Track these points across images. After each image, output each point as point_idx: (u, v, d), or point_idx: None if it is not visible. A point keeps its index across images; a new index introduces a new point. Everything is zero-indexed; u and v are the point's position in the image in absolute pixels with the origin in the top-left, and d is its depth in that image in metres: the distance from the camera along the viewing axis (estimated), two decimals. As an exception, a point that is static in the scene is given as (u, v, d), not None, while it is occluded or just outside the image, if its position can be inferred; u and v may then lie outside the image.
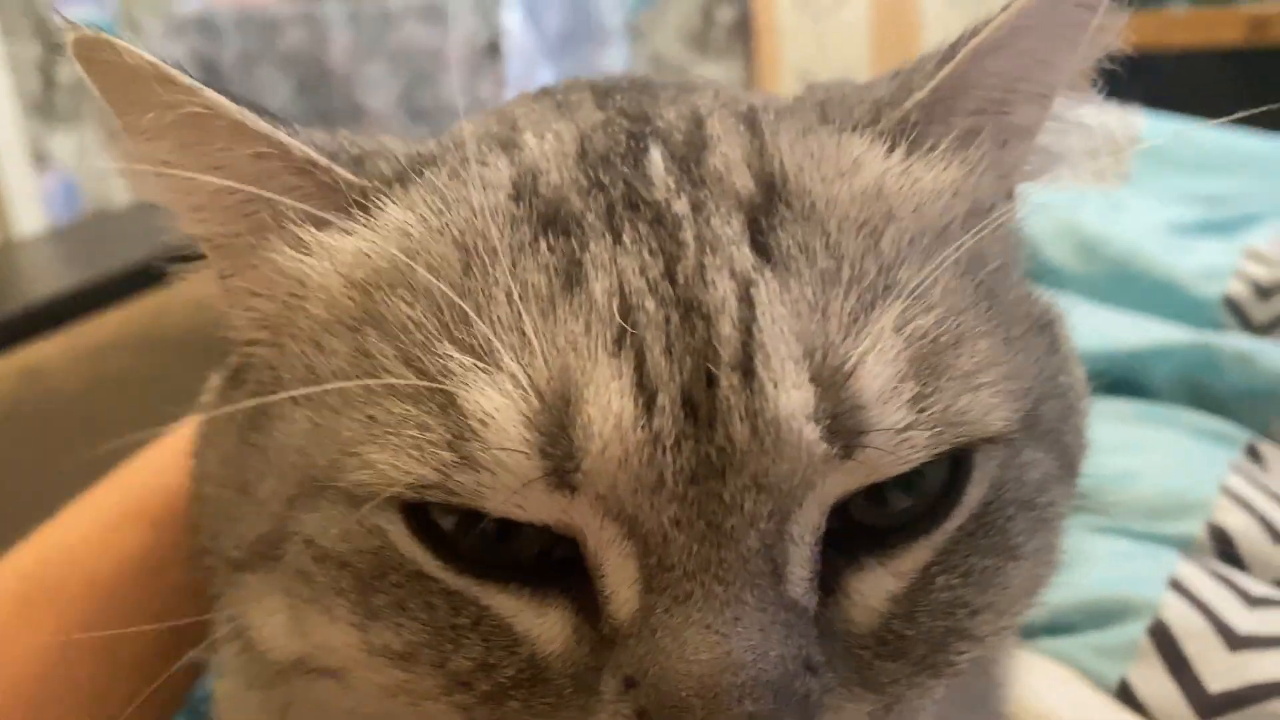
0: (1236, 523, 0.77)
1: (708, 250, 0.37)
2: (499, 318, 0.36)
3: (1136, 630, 0.71)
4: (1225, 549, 0.77)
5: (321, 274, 0.41)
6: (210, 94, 0.39)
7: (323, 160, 0.41)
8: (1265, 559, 0.75)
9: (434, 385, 0.36)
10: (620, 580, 0.37)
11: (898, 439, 0.36)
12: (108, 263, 1.67)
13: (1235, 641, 0.67)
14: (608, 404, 0.35)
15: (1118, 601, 0.73)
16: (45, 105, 2.94)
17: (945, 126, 0.42)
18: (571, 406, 0.35)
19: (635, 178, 0.39)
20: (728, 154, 0.40)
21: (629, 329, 0.36)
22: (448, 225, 0.39)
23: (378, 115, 3.30)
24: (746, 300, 0.36)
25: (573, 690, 0.37)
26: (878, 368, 0.36)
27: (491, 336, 0.36)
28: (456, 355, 0.36)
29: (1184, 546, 0.77)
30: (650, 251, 0.37)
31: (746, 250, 0.37)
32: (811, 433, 0.35)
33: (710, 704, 0.34)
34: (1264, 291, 1.08)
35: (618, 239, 0.37)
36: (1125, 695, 0.70)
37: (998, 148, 0.43)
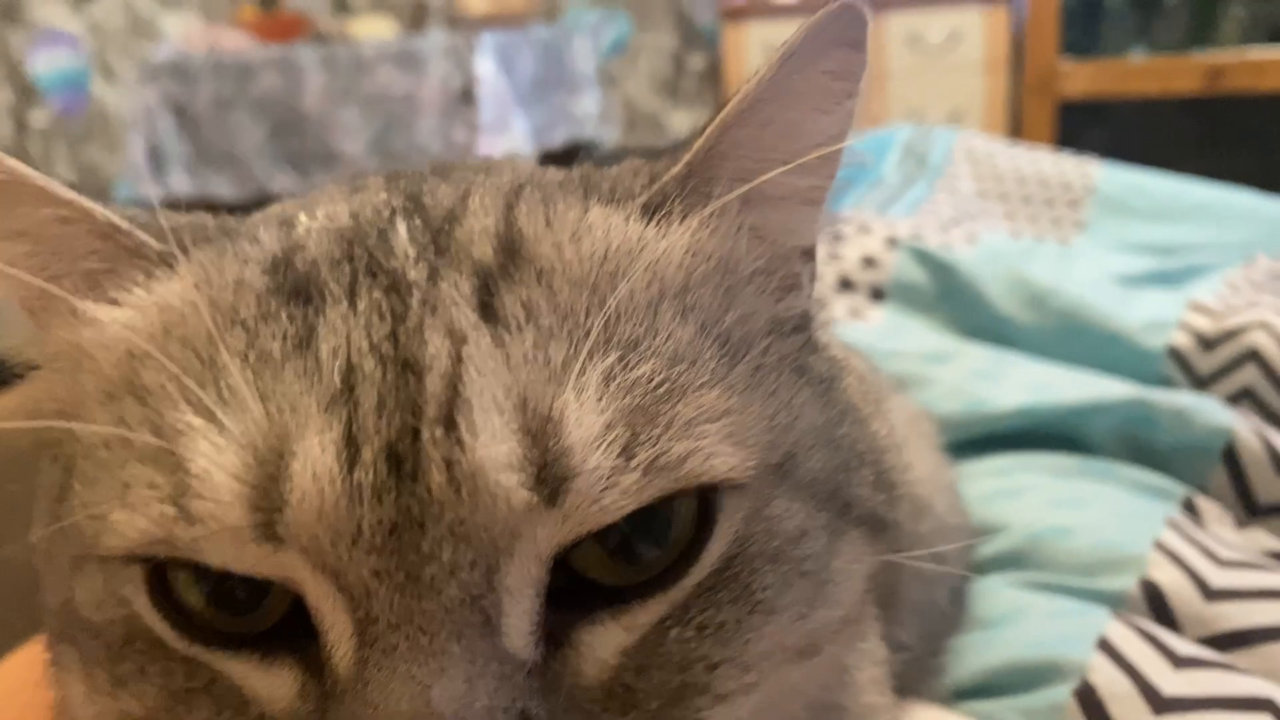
0: (1169, 579, 0.77)
1: (429, 312, 0.39)
2: (230, 383, 0.38)
3: (1063, 693, 0.70)
4: (1157, 605, 0.77)
5: (93, 346, 0.43)
6: (11, 162, 0.41)
7: (124, 224, 0.43)
8: (1196, 615, 0.75)
9: (166, 446, 0.38)
10: (338, 634, 0.37)
11: (604, 484, 0.37)
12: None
13: (1160, 704, 0.67)
14: (311, 459, 0.36)
15: (1046, 663, 0.73)
16: (18, 152, 2.94)
17: (702, 196, 0.44)
18: (283, 462, 0.36)
19: (379, 248, 0.41)
20: (474, 225, 0.42)
21: (343, 387, 0.37)
22: (203, 297, 0.40)
23: (351, 159, 3.31)
24: (456, 357, 0.37)
25: None
26: (583, 415, 0.37)
27: (219, 400, 0.38)
28: (189, 418, 0.38)
29: (1117, 603, 0.77)
30: (380, 315, 0.39)
31: (468, 311, 0.38)
32: (510, 480, 0.36)
33: None
34: (1207, 343, 1.09)
35: (353, 305, 0.39)
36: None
37: (757, 211, 0.45)
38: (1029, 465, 0.95)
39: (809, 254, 0.48)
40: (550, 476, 0.36)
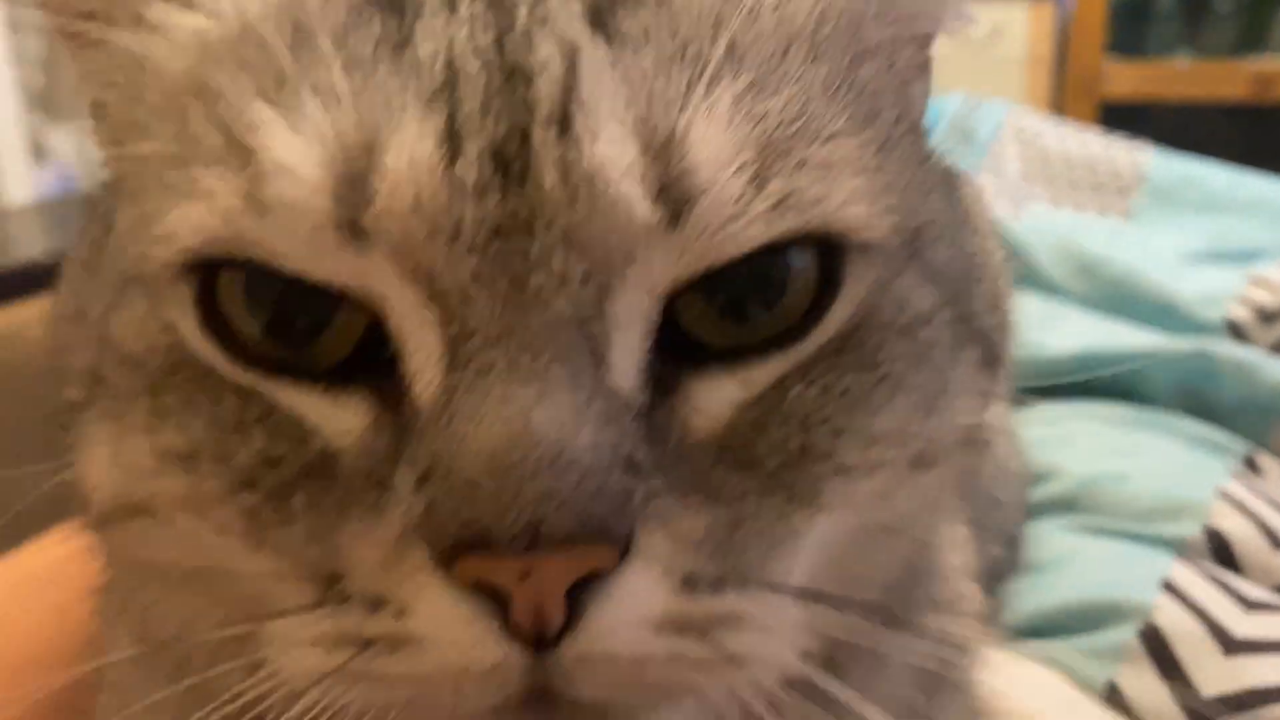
0: (1234, 527, 0.74)
1: (538, 23, 0.36)
2: (316, 80, 0.35)
3: (1127, 633, 0.68)
4: (1222, 553, 0.74)
5: (158, 53, 0.39)
6: None
7: None
8: (1264, 564, 0.72)
9: (237, 140, 0.35)
10: (424, 356, 0.34)
11: (731, 210, 0.34)
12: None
13: (1231, 645, 0.64)
14: (408, 146, 0.33)
15: (1108, 604, 0.70)
16: (47, 100, 2.93)
17: None
18: (374, 155, 0.33)
19: None
20: None
21: (444, 84, 0.34)
22: (285, 4, 0.37)
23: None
24: (571, 65, 0.35)
25: (363, 486, 0.35)
26: (710, 134, 0.34)
27: (303, 94, 0.35)
28: (265, 111, 0.35)
29: (1178, 549, 0.74)
30: (483, 25, 0.36)
31: (580, 25, 0.36)
32: (630, 189, 0.33)
33: (500, 482, 0.31)
34: (1268, 316, 1.06)
35: (453, 12, 0.36)
36: (1113, 698, 0.66)
37: None
38: (1083, 414, 0.92)
39: (926, 47, 0.44)
40: (673, 196, 0.33)
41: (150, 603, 0.44)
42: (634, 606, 0.33)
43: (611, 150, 0.33)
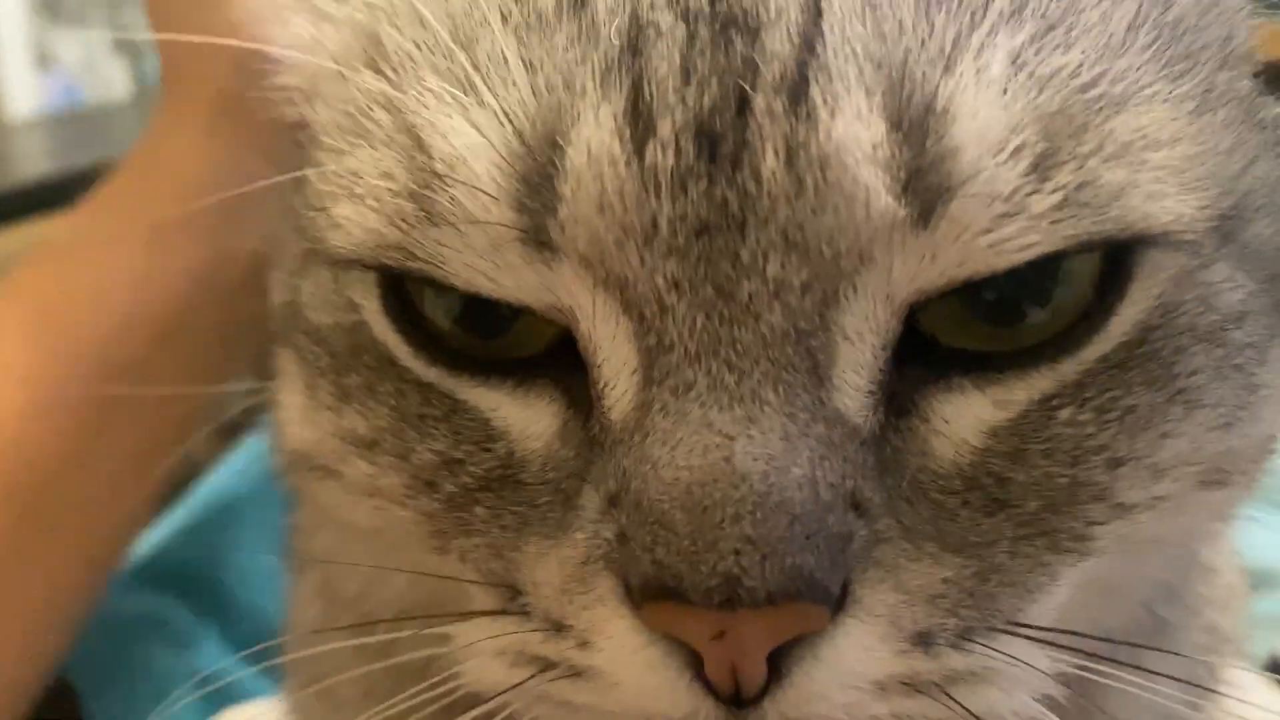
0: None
1: None
2: (487, 49, 0.30)
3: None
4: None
5: (337, 21, 0.36)
6: None
7: None
8: None
9: (404, 124, 0.31)
10: (616, 369, 0.31)
11: (1002, 207, 0.28)
12: (108, 149, 1.60)
13: None
14: (587, 136, 0.29)
15: (1265, 572, 0.67)
16: (53, 6, 2.83)
17: None
18: (557, 147, 0.29)
19: None
20: None
21: (626, 48, 0.29)
22: None
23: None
24: (813, 10, 0.29)
25: (549, 500, 0.32)
26: (980, 106, 0.28)
27: (471, 67, 0.30)
28: (434, 87, 0.31)
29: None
30: None
31: None
32: (872, 177, 0.28)
33: (697, 520, 0.28)
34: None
35: None
36: (1276, 668, 0.64)
37: None
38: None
39: None
40: (925, 185, 0.28)
41: (329, 547, 0.42)
42: (849, 668, 0.29)
43: (853, 127, 0.28)
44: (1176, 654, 0.39)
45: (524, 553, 0.32)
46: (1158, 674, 0.35)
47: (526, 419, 0.32)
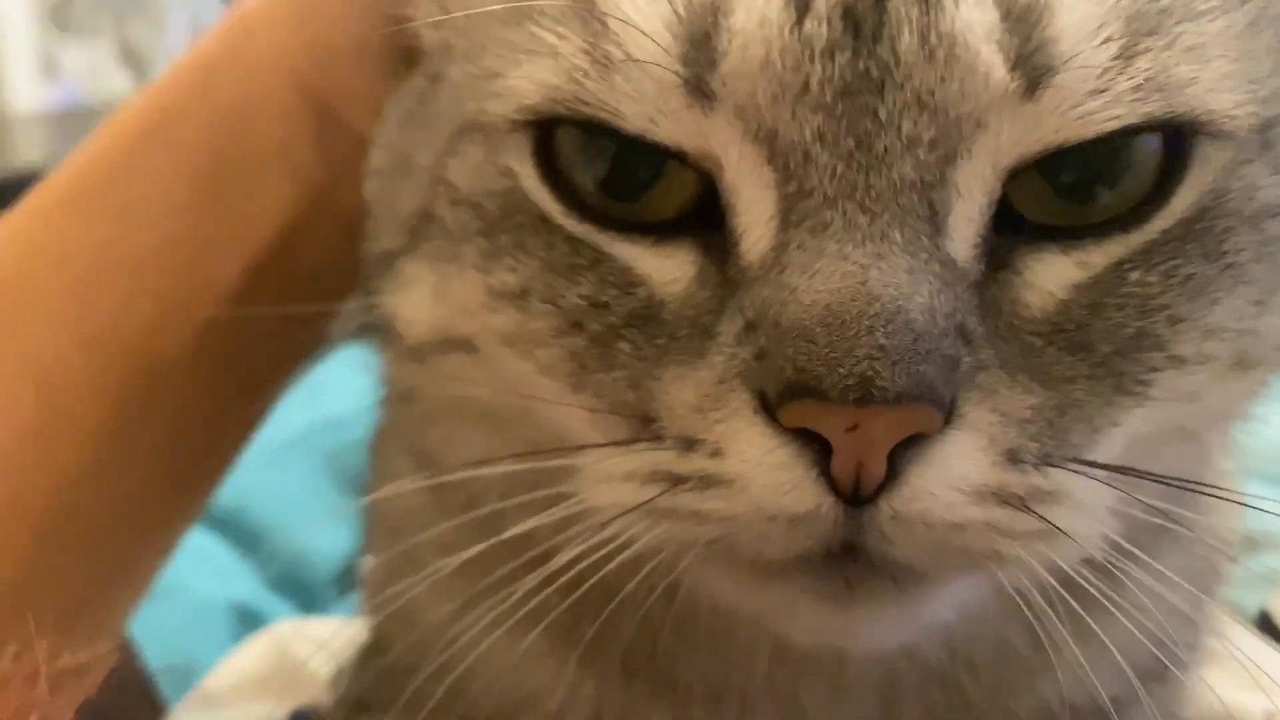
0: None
1: None
2: None
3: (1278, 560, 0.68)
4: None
5: None
6: None
7: None
8: None
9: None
10: (755, 215, 0.35)
11: (1093, 84, 0.33)
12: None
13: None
14: (757, 5, 0.33)
15: (1260, 531, 0.70)
16: (59, 14, 2.86)
17: None
18: (720, 13, 0.33)
19: None
20: None
21: None
22: None
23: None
24: None
25: (688, 333, 0.35)
26: (1076, 4, 0.33)
27: None
28: None
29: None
30: None
31: None
32: (990, 54, 0.32)
33: (836, 332, 0.31)
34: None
35: None
36: (1265, 625, 0.67)
37: None
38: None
39: None
40: (1032, 65, 0.33)
41: (444, 436, 0.44)
42: (955, 472, 0.33)
43: (973, 13, 0.33)
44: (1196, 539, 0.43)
45: (662, 380, 0.35)
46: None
47: (665, 268, 0.36)
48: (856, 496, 0.33)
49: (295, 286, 0.50)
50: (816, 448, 0.32)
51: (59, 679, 0.42)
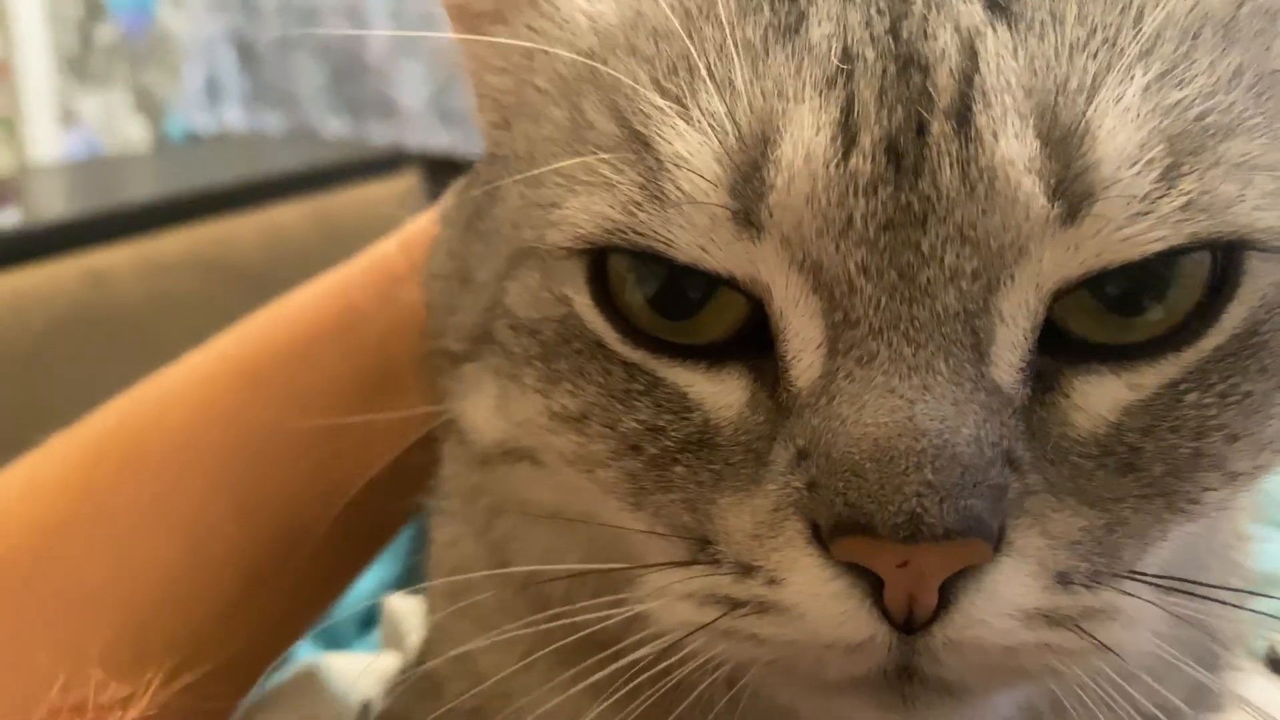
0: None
1: (934, 8, 0.36)
2: (710, 66, 0.35)
3: (1287, 598, 0.69)
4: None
5: (551, 38, 0.41)
6: None
7: None
8: None
9: (633, 133, 0.36)
10: (803, 343, 0.35)
11: (1135, 208, 0.33)
12: (177, 182, 1.64)
13: None
14: (804, 139, 0.34)
15: (1266, 575, 0.71)
16: (79, 65, 2.91)
17: None
18: (769, 146, 0.34)
19: None
20: None
21: (839, 71, 0.34)
22: None
23: (409, 113, 3.30)
24: (969, 52, 0.34)
25: (742, 458, 0.36)
26: (1116, 127, 0.33)
27: (696, 83, 0.35)
28: (660, 102, 0.36)
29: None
30: (878, 9, 0.36)
31: (979, 9, 0.35)
32: (1030, 185, 0.33)
33: (884, 468, 0.32)
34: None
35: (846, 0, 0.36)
36: (1275, 664, 0.68)
37: None
38: None
39: None
40: (1072, 191, 0.33)
41: (510, 531, 0.46)
42: (1006, 598, 0.34)
43: (1013, 145, 0.33)
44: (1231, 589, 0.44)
45: (718, 505, 0.36)
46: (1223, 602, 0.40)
47: (718, 393, 0.37)
48: (909, 625, 0.33)
49: (410, 479, 0.54)
50: (870, 579, 0.33)
51: (104, 710, 0.44)
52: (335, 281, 0.60)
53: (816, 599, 0.34)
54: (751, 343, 0.36)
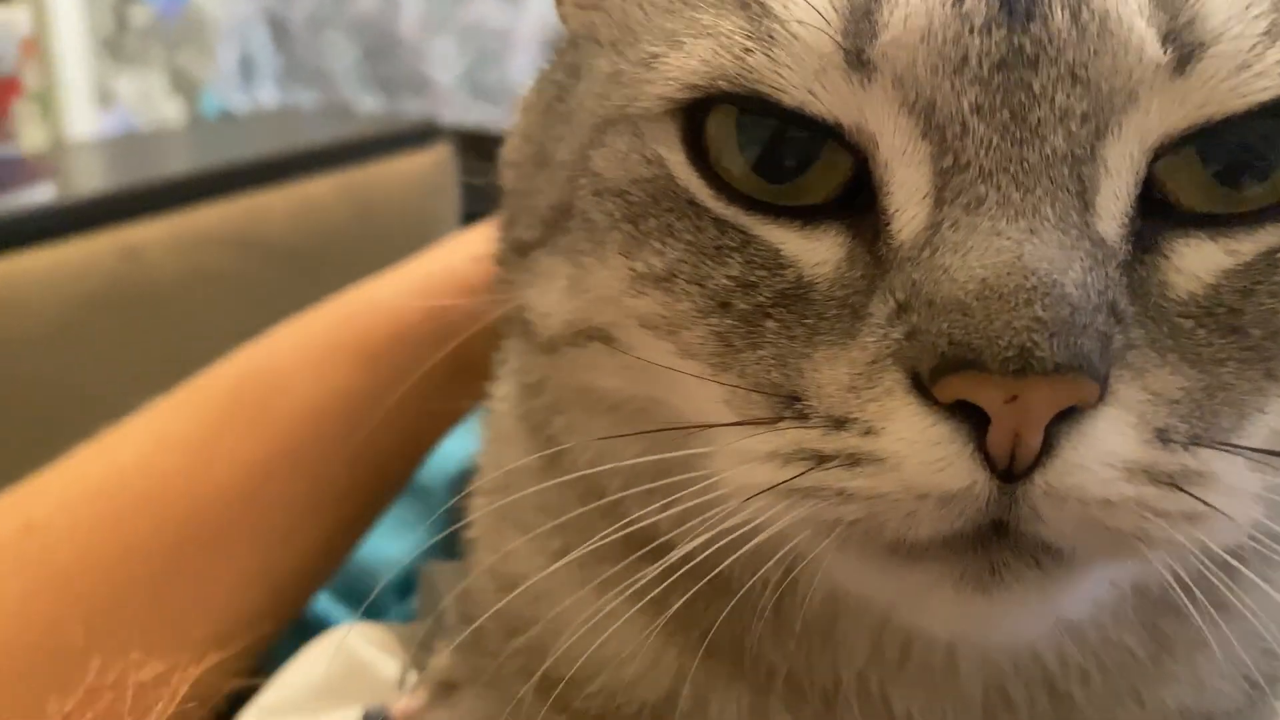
0: None
1: None
2: None
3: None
4: None
5: None
6: None
7: None
8: None
9: None
10: (908, 194, 0.35)
11: (1243, 58, 0.33)
12: (211, 157, 1.64)
13: None
14: None
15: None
16: (115, 46, 2.93)
17: None
18: None
19: None
20: None
21: None
22: None
23: (442, 89, 3.30)
24: None
25: (837, 313, 0.36)
26: None
27: None
28: None
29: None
30: None
31: None
32: (1141, 29, 0.33)
33: (992, 305, 0.32)
34: None
35: None
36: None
37: None
38: None
39: None
40: (1183, 40, 0.33)
41: (569, 424, 0.45)
42: (1107, 448, 0.33)
43: None
44: None
45: (811, 359, 0.35)
46: None
47: (815, 250, 0.36)
48: (1010, 472, 0.33)
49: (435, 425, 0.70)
50: (971, 424, 0.32)
51: (143, 690, 0.45)
52: (386, 304, 0.71)
53: (915, 446, 0.33)
54: (849, 204, 0.36)
